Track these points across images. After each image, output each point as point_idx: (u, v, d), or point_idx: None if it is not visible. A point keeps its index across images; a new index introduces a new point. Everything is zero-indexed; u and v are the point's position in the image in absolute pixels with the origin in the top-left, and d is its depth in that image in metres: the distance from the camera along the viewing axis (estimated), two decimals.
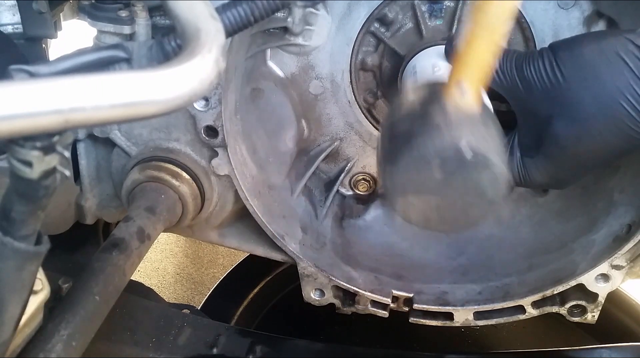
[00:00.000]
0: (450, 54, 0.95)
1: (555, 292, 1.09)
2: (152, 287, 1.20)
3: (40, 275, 0.68)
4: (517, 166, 0.92)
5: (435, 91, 0.73)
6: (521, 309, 1.12)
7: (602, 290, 1.07)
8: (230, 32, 0.76)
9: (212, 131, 1.01)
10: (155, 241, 0.96)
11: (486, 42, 0.67)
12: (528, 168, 0.91)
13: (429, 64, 0.97)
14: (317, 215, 1.23)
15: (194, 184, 1.04)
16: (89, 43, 0.97)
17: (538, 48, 1.05)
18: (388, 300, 1.14)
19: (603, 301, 1.09)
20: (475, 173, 0.69)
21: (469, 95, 0.69)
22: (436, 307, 1.14)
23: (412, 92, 0.77)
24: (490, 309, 1.13)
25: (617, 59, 0.77)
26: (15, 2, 1.05)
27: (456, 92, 0.69)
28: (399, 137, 0.74)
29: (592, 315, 1.11)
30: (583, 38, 0.84)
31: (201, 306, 1.54)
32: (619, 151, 0.82)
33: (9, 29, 1.06)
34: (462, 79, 0.69)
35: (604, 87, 0.77)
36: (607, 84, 0.77)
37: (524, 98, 0.86)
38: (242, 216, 1.15)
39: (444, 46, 0.97)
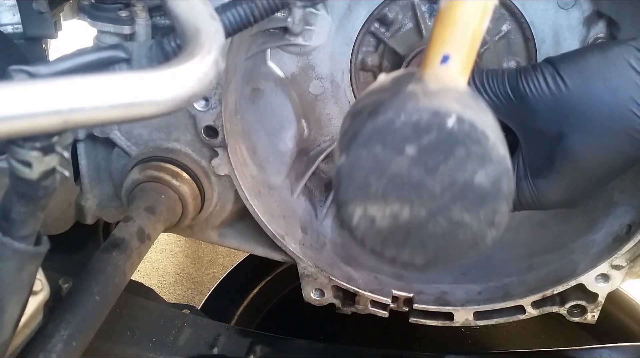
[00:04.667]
0: None
1: (555, 292, 1.09)
2: (152, 287, 1.20)
3: (40, 275, 0.68)
4: (529, 189, 0.88)
5: (411, 71, 0.59)
6: (521, 309, 1.12)
7: (602, 290, 1.07)
8: (230, 33, 0.75)
9: (212, 131, 1.01)
10: (155, 241, 0.96)
11: None
12: (541, 190, 0.87)
13: None
14: (317, 215, 1.22)
15: (194, 184, 1.04)
16: (89, 43, 0.97)
17: (538, 48, 1.04)
18: (388, 300, 1.14)
19: (603, 301, 1.09)
20: (461, 148, 0.51)
21: (454, 64, 0.54)
22: (436, 307, 1.14)
23: (384, 75, 0.61)
24: (490, 309, 1.13)
25: (626, 66, 0.75)
26: (15, 2, 1.05)
27: (436, 61, 0.54)
28: (362, 111, 0.56)
29: (592, 315, 1.11)
30: (585, 50, 0.81)
31: (201, 307, 1.54)
32: (634, 160, 0.80)
33: (9, 29, 1.06)
34: (444, 45, 0.54)
35: (614, 97, 0.75)
36: (617, 93, 0.75)
37: (526, 118, 0.81)
38: (242, 216, 1.15)
39: None
